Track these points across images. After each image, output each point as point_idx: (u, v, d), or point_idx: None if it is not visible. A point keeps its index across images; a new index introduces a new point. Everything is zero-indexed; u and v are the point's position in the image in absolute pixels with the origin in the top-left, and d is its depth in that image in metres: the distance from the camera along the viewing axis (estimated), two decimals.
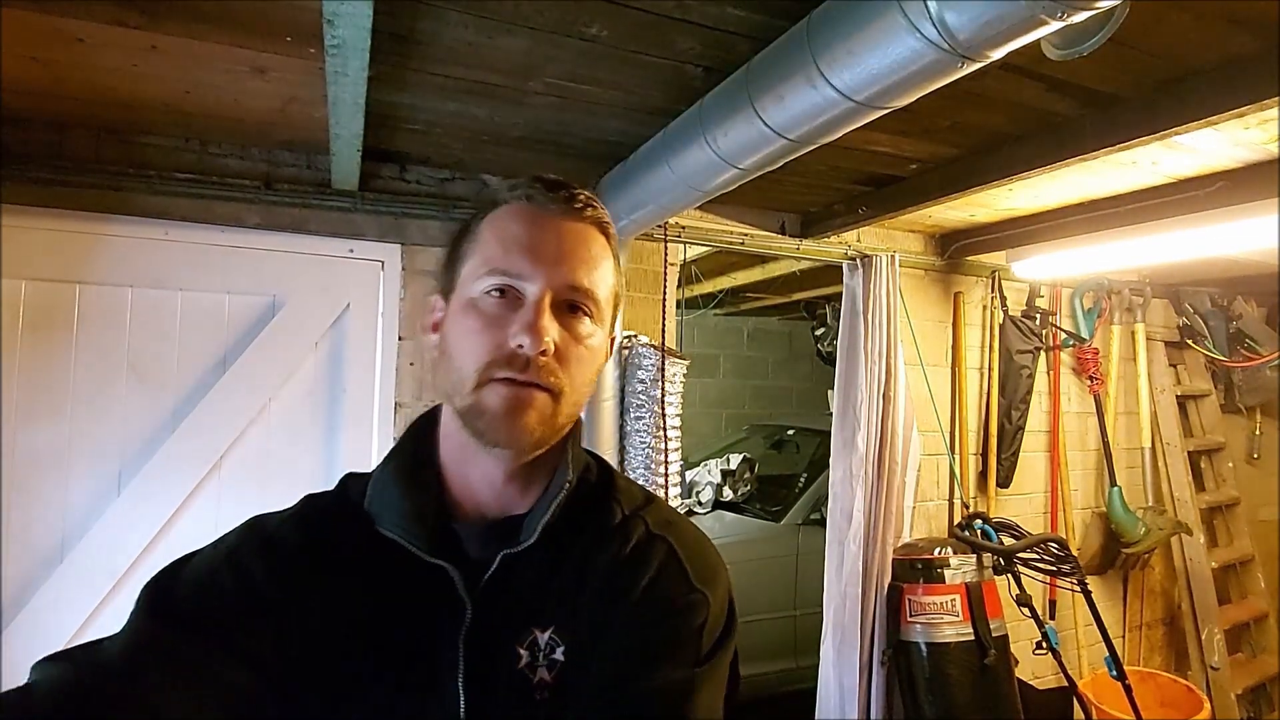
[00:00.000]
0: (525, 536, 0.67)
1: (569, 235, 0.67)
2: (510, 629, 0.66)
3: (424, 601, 0.66)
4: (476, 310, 0.65)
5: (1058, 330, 3.12)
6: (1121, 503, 3.01)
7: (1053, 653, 2.38)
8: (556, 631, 0.66)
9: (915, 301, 2.77)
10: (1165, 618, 3.44)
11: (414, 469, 0.71)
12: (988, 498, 2.93)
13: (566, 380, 0.65)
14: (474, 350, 0.64)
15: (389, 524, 0.67)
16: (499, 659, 0.65)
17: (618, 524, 0.71)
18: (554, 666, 0.65)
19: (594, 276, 0.67)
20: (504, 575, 0.66)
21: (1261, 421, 3.68)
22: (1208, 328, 3.40)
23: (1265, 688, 3.27)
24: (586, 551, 0.69)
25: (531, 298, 0.64)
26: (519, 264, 0.64)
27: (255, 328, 1.89)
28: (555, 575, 0.68)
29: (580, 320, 0.67)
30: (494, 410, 0.63)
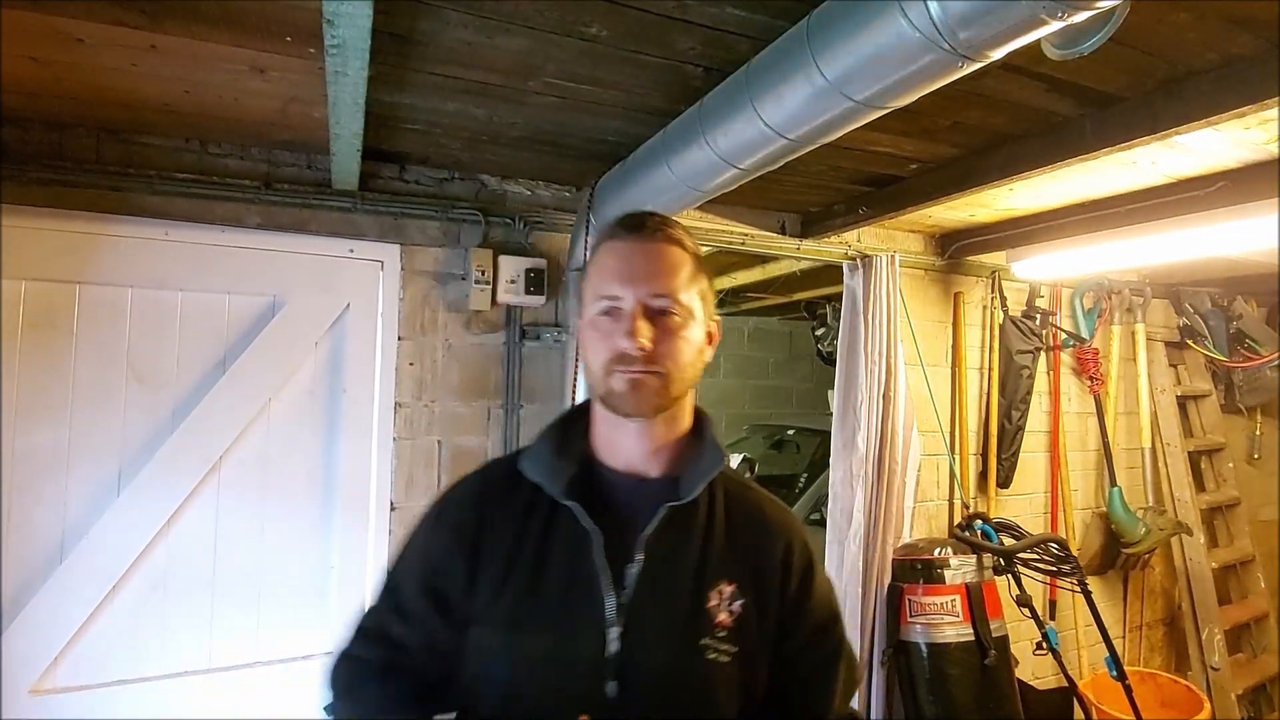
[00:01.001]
0: (686, 493, 0.89)
1: (647, 257, 0.89)
2: (682, 574, 0.88)
3: (582, 543, 0.87)
4: (595, 327, 0.89)
5: (1058, 330, 3.12)
6: (1122, 503, 3.01)
7: (1053, 653, 2.38)
8: (734, 580, 0.89)
9: (915, 301, 2.77)
10: (1165, 618, 3.44)
11: (563, 441, 0.95)
12: (988, 498, 2.92)
13: (669, 363, 0.87)
14: (598, 354, 0.88)
15: (538, 476, 0.91)
16: (665, 602, 0.86)
17: (740, 493, 0.97)
18: (733, 613, 0.87)
19: (672, 284, 0.88)
20: (663, 526, 0.87)
21: (1261, 421, 3.68)
22: (1208, 328, 3.40)
23: (1265, 688, 3.27)
24: (731, 513, 0.93)
25: (627, 310, 0.86)
26: (614, 289, 0.87)
27: (255, 328, 1.89)
28: (711, 531, 0.91)
29: (669, 318, 0.87)
30: (619, 391, 0.87)
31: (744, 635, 0.87)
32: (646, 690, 0.83)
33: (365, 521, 1.99)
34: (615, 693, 0.82)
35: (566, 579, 0.86)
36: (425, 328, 2.08)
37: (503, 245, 2.13)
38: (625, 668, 0.83)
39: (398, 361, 2.03)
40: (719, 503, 0.94)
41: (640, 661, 0.83)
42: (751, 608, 0.88)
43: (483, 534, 0.90)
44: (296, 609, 1.92)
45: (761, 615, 0.89)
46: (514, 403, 2.15)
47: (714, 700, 0.85)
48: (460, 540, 0.91)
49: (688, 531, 0.90)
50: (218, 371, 1.85)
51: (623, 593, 0.85)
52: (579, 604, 0.85)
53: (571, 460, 0.92)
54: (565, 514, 0.88)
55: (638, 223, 0.91)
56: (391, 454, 2.02)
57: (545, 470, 0.91)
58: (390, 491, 2.01)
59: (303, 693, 1.90)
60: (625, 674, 0.82)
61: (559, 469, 0.91)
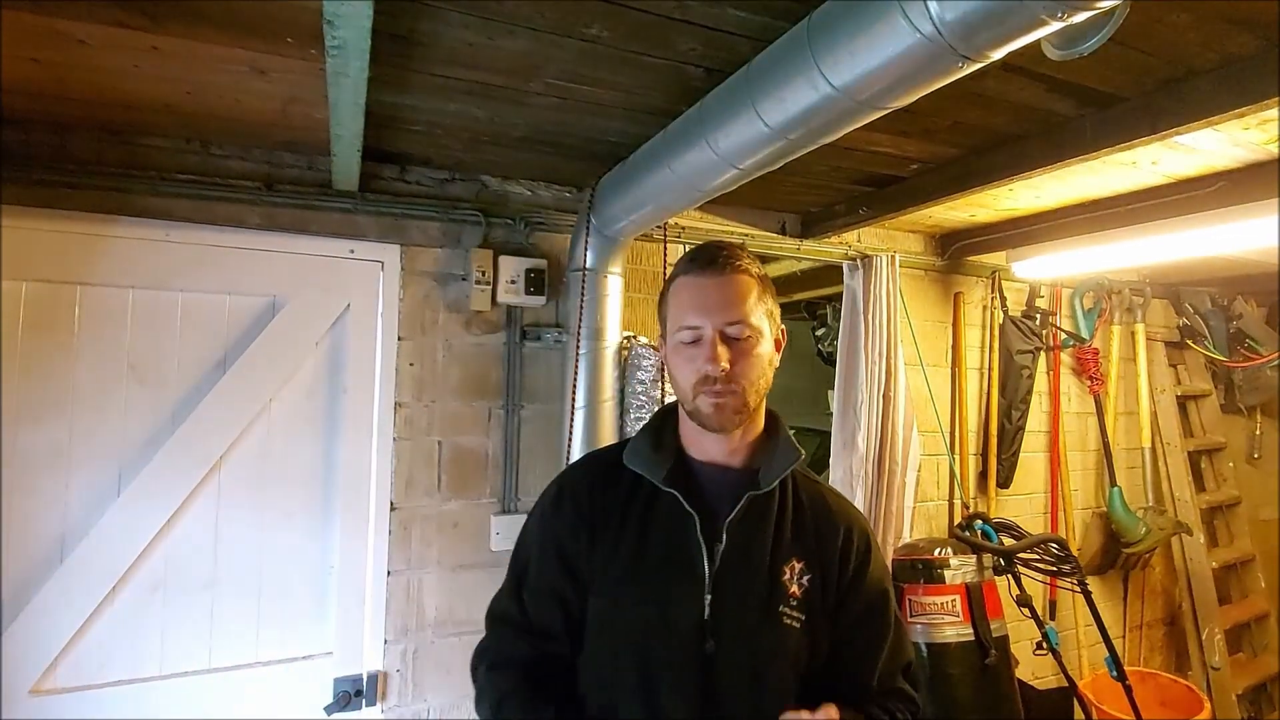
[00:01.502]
0: (765, 484, 1.05)
1: (721, 289, 1.03)
2: (760, 552, 1.03)
3: (682, 524, 1.04)
4: (680, 352, 1.04)
5: (1058, 330, 3.12)
6: (1122, 503, 3.01)
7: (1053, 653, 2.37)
8: (802, 559, 1.06)
9: (915, 301, 2.77)
10: (1165, 618, 3.44)
11: (659, 438, 1.12)
12: (988, 498, 2.93)
13: (745, 381, 1.02)
14: (686, 376, 1.04)
15: (640, 467, 1.09)
16: (747, 574, 1.02)
17: (808, 485, 1.13)
18: (802, 586, 1.04)
19: (743, 310, 1.02)
20: (745, 511, 1.04)
21: (1261, 421, 3.68)
22: (1208, 328, 3.40)
23: (1266, 688, 3.27)
24: (799, 501, 1.09)
25: (707, 339, 1.01)
26: (694, 319, 1.03)
27: (255, 328, 1.89)
28: (784, 516, 1.07)
29: (743, 341, 1.02)
30: (706, 412, 1.02)
31: (810, 605, 1.04)
32: (737, 648, 1.00)
33: (365, 521, 1.99)
34: (713, 650, 0.99)
35: (667, 555, 1.03)
36: (425, 328, 2.08)
37: (503, 246, 2.13)
38: (720, 629, 1.00)
39: (398, 361, 2.04)
40: (789, 492, 1.10)
41: (732, 624, 1.00)
42: (817, 582, 1.05)
43: (595, 513, 1.08)
44: (296, 609, 1.92)
45: (824, 589, 1.06)
46: (514, 403, 2.16)
47: (789, 659, 1.02)
48: (580, 516, 1.09)
49: (765, 516, 1.06)
50: (218, 372, 1.85)
51: (714, 567, 1.02)
52: (679, 576, 1.02)
53: (667, 454, 1.09)
54: (665, 499, 1.06)
55: (710, 258, 1.05)
56: (391, 454, 2.02)
57: (646, 462, 1.09)
58: (390, 491, 2.01)
59: (302, 693, 1.90)
60: (720, 634, 1.00)
61: (658, 461, 1.08)
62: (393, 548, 2.01)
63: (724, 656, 0.99)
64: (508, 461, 2.14)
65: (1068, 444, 3.19)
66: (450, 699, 2.06)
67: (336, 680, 1.94)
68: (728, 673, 0.99)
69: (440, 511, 2.07)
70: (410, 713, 2.01)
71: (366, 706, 1.96)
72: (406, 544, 2.03)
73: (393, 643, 2.01)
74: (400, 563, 2.02)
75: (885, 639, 1.09)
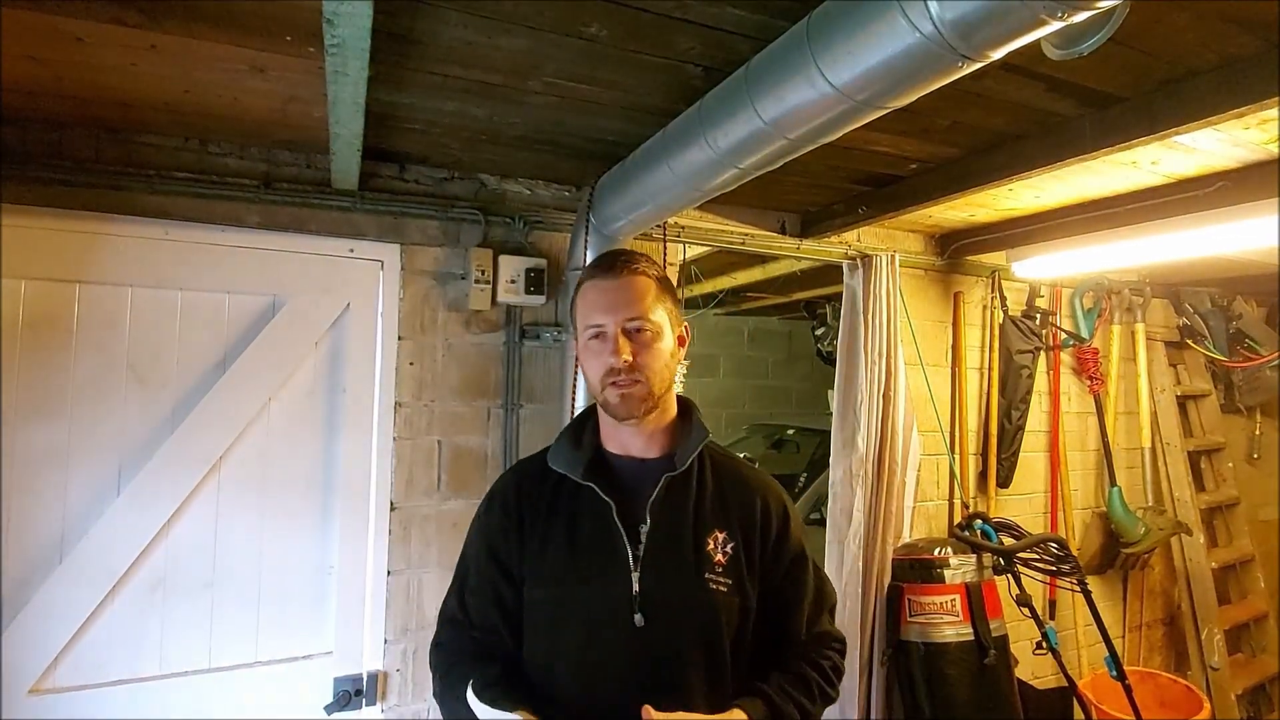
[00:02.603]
0: (680, 464, 1.15)
1: (621, 290, 1.13)
2: (683, 527, 1.13)
3: (602, 512, 1.12)
4: (589, 349, 1.15)
5: (1058, 330, 3.12)
6: (1121, 503, 3.01)
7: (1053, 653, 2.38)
8: (724, 528, 1.15)
9: (915, 301, 2.77)
10: (1165, 618, 3.44)
11: (578, 438, 1.21)
12: (988, 498, 2.93)
13: (648, 372, 1.11)
14: (594, 371, 1.14)
15: (561, 466, 1.17)
16: (672, 549, 1.12)
17: (723, 461, 1.23)
18: (726, 554, 1.14)
19: (641, 308, 1.12)
20: (664, 492, 1.14)
21: (1261, 421, 3.68)
22: (1208, 328, 3.40)
23: (1265, 688, 3.27)
24: (717, 476, 1.19)
25: (610, 334, 1.11)
26: (598, 318, 1.13)
27: (255, 327, 1.89)
28: (703, 492, 1.17)
29: (643, 335, 1.12)
30: (614, 402, 1.12)
31: (735, 570, 1.14)
32: (666, 617, 1.09)
33: (365, 521, 1.99)
34: (642, 622, 1.08)
35: (594, 540, 1.12)
36: (425, 327, 2.08)
37: (503, 245, 2.13)
38: (647, 602, 1.08)
39: (398, 361, 2.03)
40: (707, 469, 1.20)
41: (659, 596, 1.09)
42: (740, 549, 1.15)
43: (524, 512, 1.17)
44: (296, 609, 1.92)
45: (748, 554, 1.16)
46: (514, 402, 2.15)
47: (718, 621, 1.11)
48: (508, 517, 1.18)
49: (684, 494, 1.16)
50: (218, 371, 1.85)
51: (639, 546, 1.11)
52: (607, 558, 1.11)
53: (586, 451, 1.18)
54: (587, 492, 1.14)
55: (610, 263, 1.16)
56: (391, 454, 2.02)
57: (566, 461, 1.17)
58: (390, 491, 2.01)
59: (303, 693, 1.90)
60: (648, 607, 1.08)
61: (577, 459, 1.17)
62: (393, 547, 2.01)
63: (654, 627, 1.08)
64: (507, 461, 2.14)
65: (1068, 444, 3.19)
66: None
67: (336, 680, 1.94)
68: (658, 643, 1.08)
69: (440, 511, 2.07)
70: (410, 712, 2.01)
71: (366, 706, 1.96)
72: (406, 544, 2.03)
73: (393, 642, 2.01)
74: (400, 562, 2.02)
75: (807, 591, 1.20)
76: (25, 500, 1.68)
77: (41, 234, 1.70)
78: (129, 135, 1.78)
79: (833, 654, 1.21)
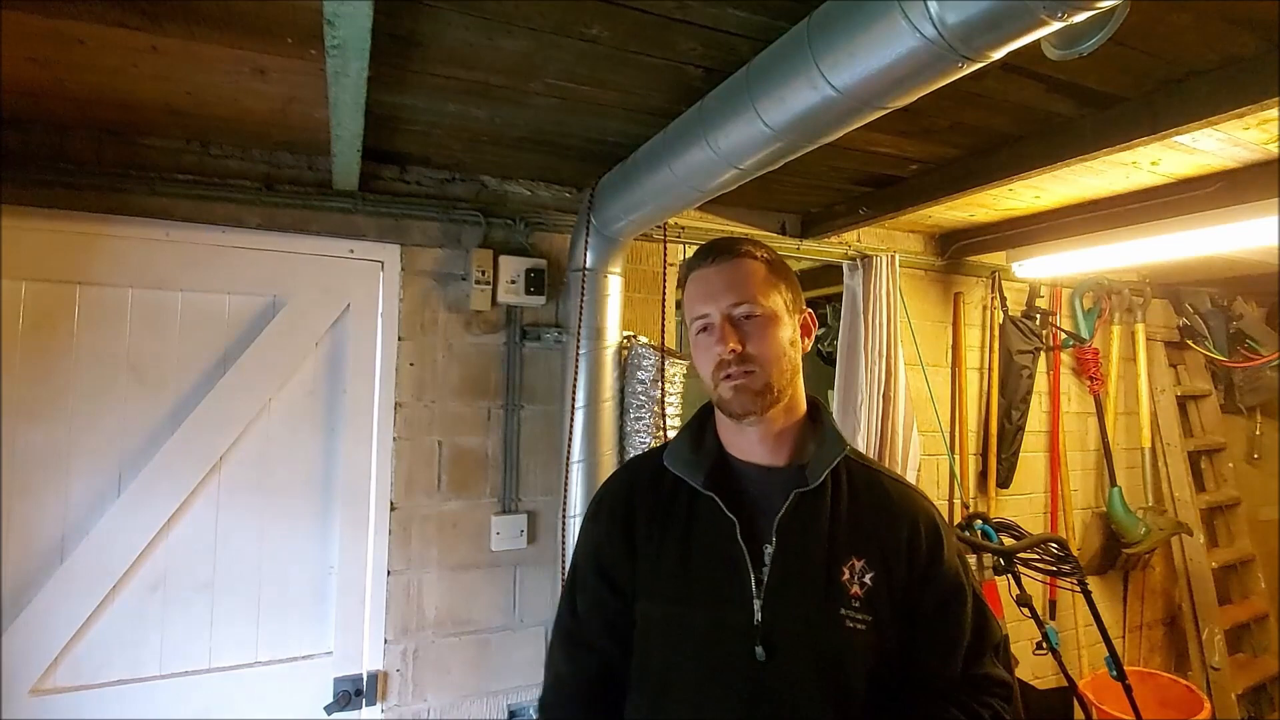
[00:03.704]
0: (812, 479, 1.00)
1: (724, 274, 1.02)
2: (814, 552, 0.99)
3: (722, 529, 1.00)
4: (697, 344, 1.04)
5: (1058, 330, 3.12)
6: (1122, 503, 3.01)
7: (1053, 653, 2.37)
8: (863, 555, 0.99)
9: (915, 301, 2.77)
10: (1165, 618, 3.44)
11: (699, 438, 1.09)
12: (988, 498, 2.93)
13: (761, 361, 0.99)
14: (705, 367, 1.03)
15: (680, 470, 1.06)
16: (801, 576, 0.97)
17: (865, 474, 1.07)
18: (864, 585, 0.98)
19: (748, 292, 1.01)
20: (794, 510, 0.99)
21: (1261, 422, 3.68)
22: (1208, 328, 3.40)
23: (1265, 688, 3.27)
24: (855, 493, 1.04)
25: (715, 324, 1.01)
26: (702, 308, 1.03)
27: (255, 328, 1.89)
28: (838, 511, 1.01)
29: (753, 321, 1.00)
30: (727, 398, 1.01)
31: (876, 605, 0.98)
32: (791, 653, 0.95)
33: (365, 522, 1.99)
34: (764, 656, 0.95)
35: (713, 559, 1.00)
36: (425, 328, 2.08)
37: (503, 246, 2.13)
38: (770, 635, 0.95)
39: (398, 361, 2.03)
40: (844, 484, 1.04)
41: (783, 629, 0.96)
42: (882, 580, 0.99)
43: (636, 519, 1.06)
44: (296, 609, 1.92)
45: (890, 587, 0.99)
46: (514, 403, 2.16)
47: (850, 662, 0.96)
48: (618, 525, 1.07)
49: (817, 513, 1.01)
50: (218, 371, 1.85)
51: (763, 569, 0.97)
52: (726, 580, 0.98)
53: (707, 454, 1.07)
54: (706, 501, 1.02)
55: (713, 249, 1.06)
56: (391, 454, 2.02)
57: (685, 464, 1.06)
58: (390, 491, 2.01)
59: (303, 693, 1.90)
60: (771, 640, 0.95)
61: (697, 463, 1.05)
62: (393, 547, 2.01)
63: (776, 664, 0.95)
64: (507, 461, 2.14)
65: (1068, 444, 3.19)
66: (450, 699, 2.06)
67: (336, 680, 1.94)
68: (780, 681, 0.95)
69: (440, 511, 2.07)
70: (410, 713, 2.01)
71: (366, 706, 1.96)
72: (406, 544, 2.03)
73: (393, 643, 2.01)
74: (400, 562, 2.02)
75: (965, 629, 1.03)
76: (25, 501, 1.68)
77: (43, 235, 1.70)
78: (130, 137, 1.78)
79: (994, 701, 1.02)
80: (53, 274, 1.72)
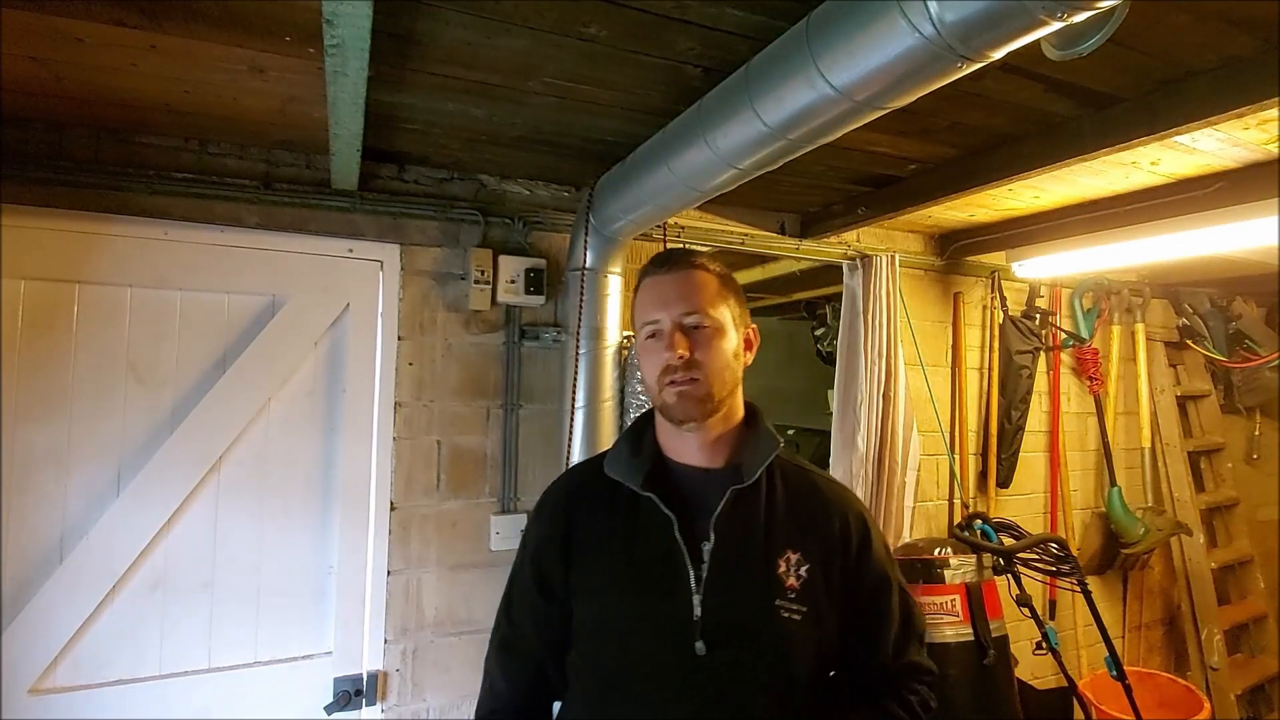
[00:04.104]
0: (747, 476, 1.04)
1: (678, 284, 1.07)
2: (752, 547, 1.03)
3: (662, 527, 1.03)
4: (646, 348, 1.08)
5: (1057, 330, 3.12)
6: (1121, 503, 3.01)
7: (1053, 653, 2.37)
8: (798, 549, 1.04)
9: (915, 301, 2.77)
10: (1165, 618, 3.44)
11: (638, 443, 1.12)
12: (988, 498, 2.93)
13: (706, 370, 1.03)
14: (651, 371, 1.07)
15: (618, 474, 1.09)
16: (739, 570, 1.01)
17: (797, 473, 1.13)
18: (800, 577, 1.03)
19: (699, 302, 1.05)
20: (731, 507, 1.03)
21: (1261, 422, 3.68)
22: (1207, 328, 3.40)
23: (1265, 688, 3.27)
24: (789, 491, 1.09)
25: (665, 330, 1.05)
26: (654, 313, 1.07)
27: (255, 327, 1.89)
28: (773, 508, 1.06)
29: (701, 331, 1.04)
30: (670, 403, 1.04)
31: (812, 596, 1.02)
32: (730, 646, 0.99)
33: (365, 521, 1.99)
34: (704, 650, 0.98)
35: (653, 557, 1.03)
36: (425, 327, 2.08)
37: (502, 245, 2.13)
38: (710, 628, 0.98)
39: (397, 361, 2.03)
40: (778, 482, 1.09)
41: (722, 622, 0.99)
42: (817, 572, 1.04)
43: (574, 523, 1.09)
44: (296, 609, 1.92)
45: (826, 578, 1.04)
46: (513, 402, 2.15)
47: (789, 652, 1.01)
48: (555, 527, 1.10)
49: (753, 510, 1.05)
50: (217, 371, 1.85)
51: (701, 566, 1.01)
52: (666, 577, 1.01)
53: (646, 459, 1.10)
54: (646, 503, 1.05)
55: (668, 258, 1.11)
56: (391, 454, 2.02)
57: (624, 469, 1.09)
58: (390, 491, 2.01)
59: (302, 693, 1.90)
60: (710, 634, 0.98)
61: (636, 466, 1.08)
62: (392, 547, 2.01)
63: (717, 657, 0.98)
64: (507, 461, 2.14)
65: (1067, 444, 3.19)
66: (450, 699, 2.06)
67: (336, 680, 1.94)
68: (721, 673, 0.98)
69: (439, 511, 2.07)
70: (410, 712, 2.01)
71: (366, 706, 1.96)
72: (406, 544, 2.03)
73: (392, 642, 2.01)
74: (400, 562, 2.02)
75: (893, 618, 1.09)
76: (25, 500, 1.68)
77: (41, 234, 1.70)
78: (129, 136, 1.78)
79: (922, 688, 1.11)
80: (51, 273, 1.72)
